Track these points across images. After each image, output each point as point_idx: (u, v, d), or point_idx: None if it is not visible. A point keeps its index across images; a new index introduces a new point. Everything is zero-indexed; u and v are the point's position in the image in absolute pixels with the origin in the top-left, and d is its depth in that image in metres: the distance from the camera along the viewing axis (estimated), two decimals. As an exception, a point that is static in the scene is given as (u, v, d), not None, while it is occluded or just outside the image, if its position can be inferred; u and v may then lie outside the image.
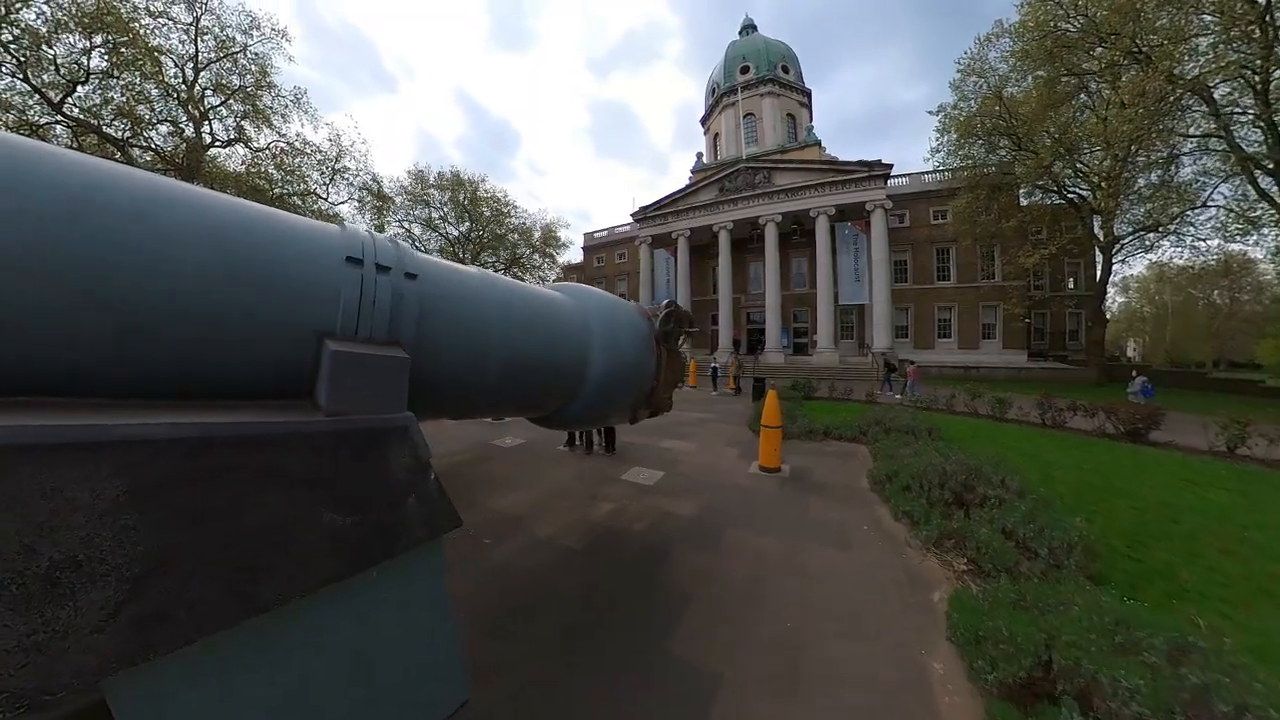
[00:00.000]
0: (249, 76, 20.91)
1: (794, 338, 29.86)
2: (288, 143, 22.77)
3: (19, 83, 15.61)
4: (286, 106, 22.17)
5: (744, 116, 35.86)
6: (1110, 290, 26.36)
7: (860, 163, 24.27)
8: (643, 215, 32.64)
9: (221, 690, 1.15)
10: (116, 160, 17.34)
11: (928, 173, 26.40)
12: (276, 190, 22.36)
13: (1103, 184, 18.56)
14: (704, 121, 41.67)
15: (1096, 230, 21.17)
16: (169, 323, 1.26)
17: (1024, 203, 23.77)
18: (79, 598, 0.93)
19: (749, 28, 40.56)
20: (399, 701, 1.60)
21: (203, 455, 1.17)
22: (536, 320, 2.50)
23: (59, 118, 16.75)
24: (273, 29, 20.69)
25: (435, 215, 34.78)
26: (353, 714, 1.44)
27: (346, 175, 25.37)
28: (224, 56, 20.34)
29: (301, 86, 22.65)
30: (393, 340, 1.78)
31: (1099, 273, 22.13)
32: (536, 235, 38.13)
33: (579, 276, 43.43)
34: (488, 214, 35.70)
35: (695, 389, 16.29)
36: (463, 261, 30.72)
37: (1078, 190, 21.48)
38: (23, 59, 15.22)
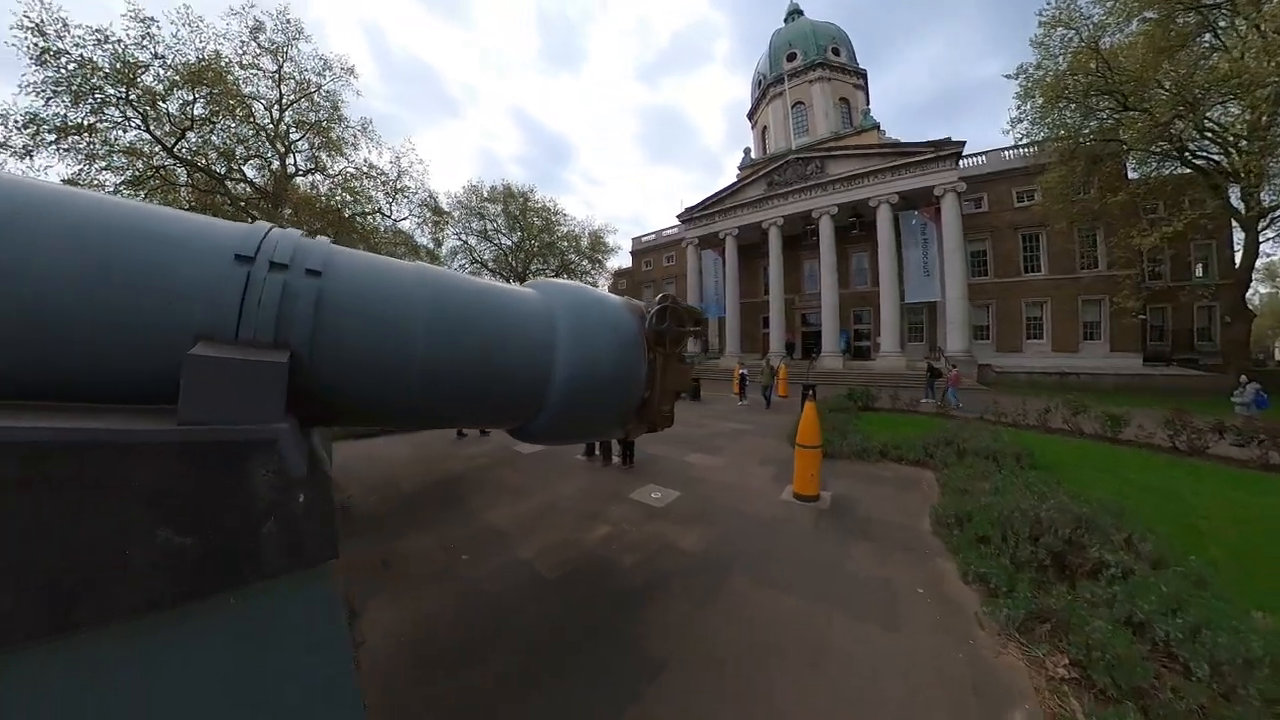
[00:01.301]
0: (323, 112, 22.86)
1: (854, 340, 27.63)
2: (355, 168, 24.70)
3: (144, 134, 18.15)
4: (355, 136, 24.09)
5: (792, 106, 34.08)
6: (1254, 278, 21.51)
7: (926, 143, 21.82)
8: (688, 216, 31.91)
9: (53, 705, 1.19)
10: (217, 193, 19.60)
11: (1008, 148, 23.29)
12: (348, 210, 24.32)
13: (1242, 142, 15.22)
14: (751, 116, 40.23)
15: (1236, 202, 17.45)
16: (35, 327, 1.30)
17: (1134, 174, 20.14)
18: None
19: (795, 13, 38.67)
20: None
21: (32, 461, 1.16)
22: (482, 319, 2.19)
23: (174, 160, 19.21)
24: (342, 68, 22.53)
25: (489, 227, 36.32)
26: None
27: (406, 194, 27.09)
28: (302, 97, 22.38)
29: (367, 117, 24.47)
30: (280, 343, 1.66)
31: (1239, 256, 18.19)
32: (585, 242, 38.70)
33: (628, 281, 43.51)
34: (538, 224, 36.73)
35: (785, 399, 14.86)
36: (515, 270, 31.49)
37: (1206, 154, 17.85)
38: (144, 114, 17.63)
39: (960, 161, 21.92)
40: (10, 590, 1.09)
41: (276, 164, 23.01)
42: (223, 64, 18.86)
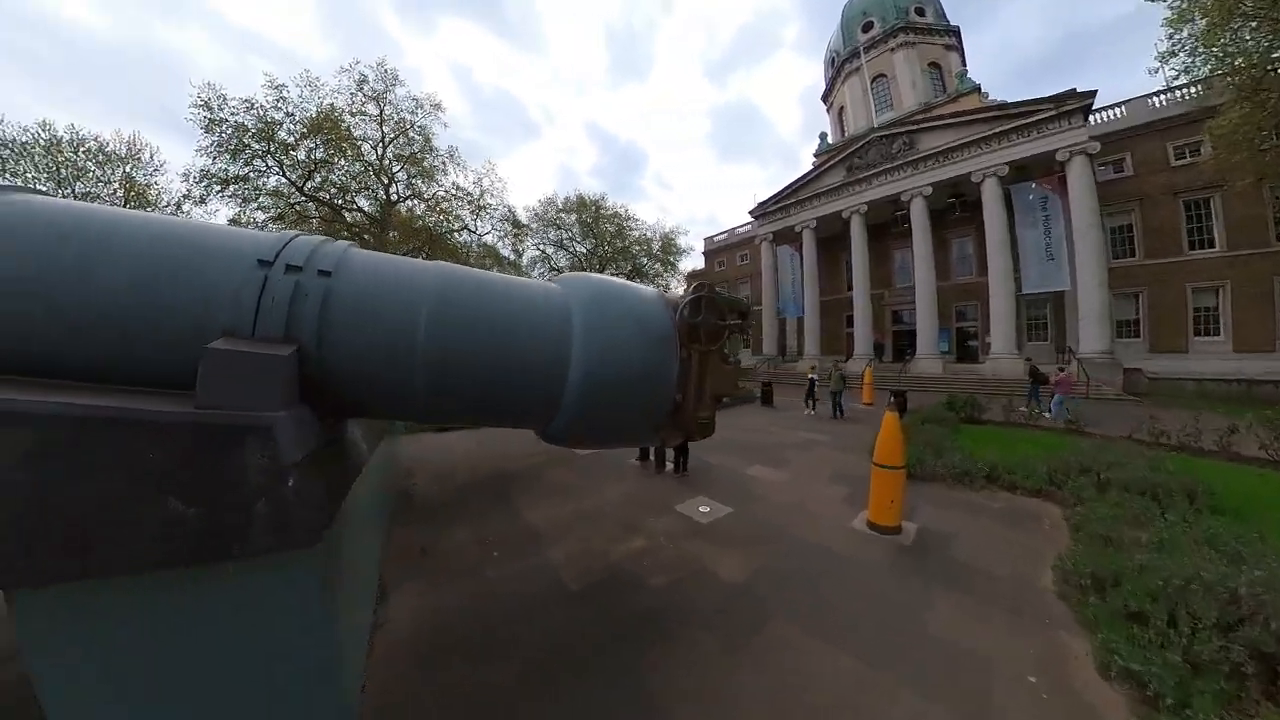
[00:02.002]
0: (417, 144, 25.53)
1: (957, 340, 24.32)
2: (445, 191, 27.27)
3: (282, 178, 21.71)
4: (443, 163, 26.65)
5: (872, 81, 31.17)
6: None
7: (1043, 100, 18.22)
8: (761, 211, 30.49)
9: (90, 633, 1.48)
10: (337, 222, 22.84)
11: (1158, 93, 18.58)
12: (440, 229, 26.94)
13: None
14: (825, 99, 37.52)
15: None
16: (96, 323, 1.60)
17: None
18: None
19: (870, -22, 35.37)
20: (278, 709, 1.75)
21: (74, 430, 1.43)
22: (491, 314, 2.18)
23: (304, 197, 22.71)
24: (430, 105, 25.00)
25: (564, 236, 37.93)
26: (231, 705, 1.68)
27: (488, 211, 29.33)
28: (399, 134, 25.16)
29: (454, 145, 26.99)
30: (290, 338, 1.84)
31: None
32: (656, 245, 38.84)
33: (700, 282, 42.92)
34: (611, 230, 37.62)
35: (870, 407, 13.48)
36: None
37: None
38: (281, 162, 21.09)
39: (1091, 117, 18.17)
40: (42, 537, 1.35)
41: (382, 194, 26.11)
42: (336, 114, 21.86)
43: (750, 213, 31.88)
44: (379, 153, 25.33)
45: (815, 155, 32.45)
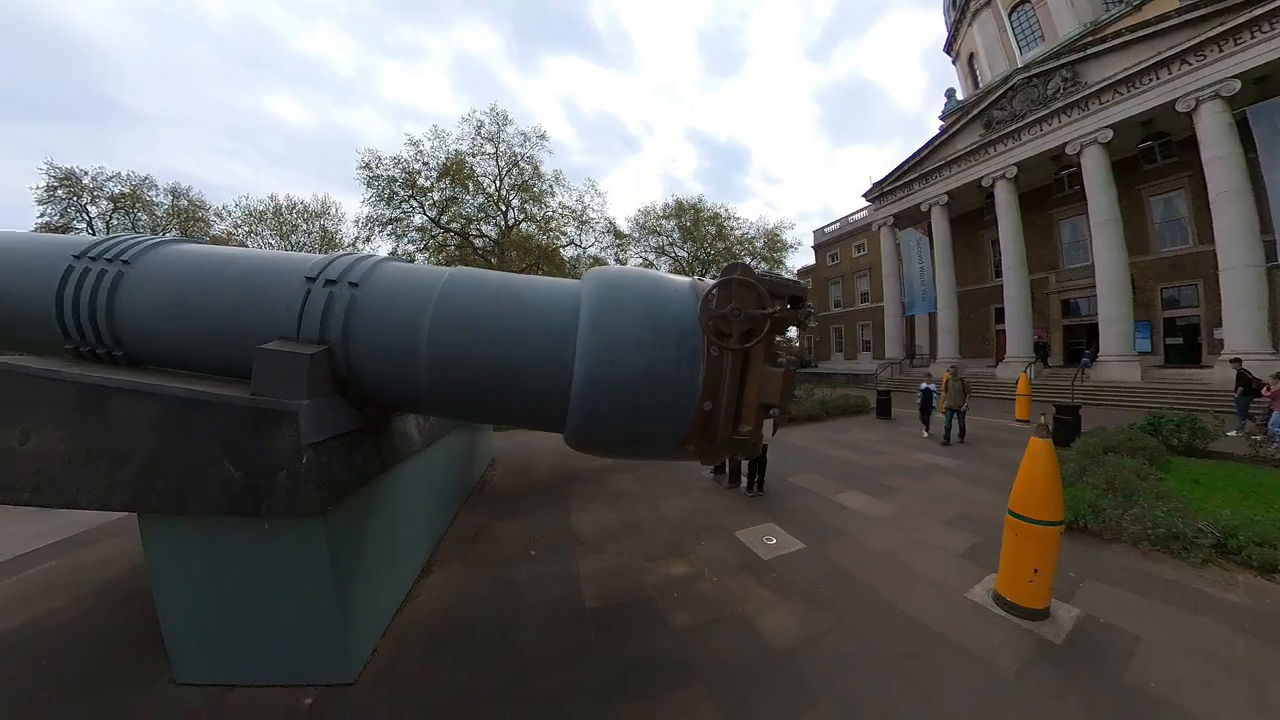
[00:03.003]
0: (527, 173, 28.16)
1: (1164, 335, 18.25)
2: (552, 211, 29.58)
3: (424, 216, 25.74)
4: (550, 186, 28.95)
5: (1010, 12, 25.47)
6: None
7: None
8: (878, 192, 26.81)
9: (182, 552, 2.21)
10: (467, 248, 26.66)
11: None
12: (551, 245, 29.35)
13: None
14: (949, 48, 31.81)
15: None
16: (209, 333, 2.32)
17: None
18: (119, 470, 2.00)
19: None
20: (295, 645, 2.30)
21: (168, 406, 2.08)
22: (496, 313, 2.25)
23: (441, 230, 26.63)
24: (536, 136, 27.35)
25: (665, 242, 38.22)
26: (261, 631, 2.27)
27: (591, 225, 31.04)
28: (512, 166, 27.93)
29: (559, 169, 29.15)
30: (322, 340, 2.24)
31: None
32: (760, 243, 37.03)
33: (812, 280, 39.78)
34: (712, 231, 36.90)
35: (1027, 425, 10.58)
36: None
37: None
38: (421, 203, 25.06)
39: None
40: (158, 479, 2.00)
41: (501, 220, 29.25)
42: (460, 157, 25.18)
43: (865, 196, 28.38)
44: (497, 185, 28.47)
45: (941, 118, 27.45)
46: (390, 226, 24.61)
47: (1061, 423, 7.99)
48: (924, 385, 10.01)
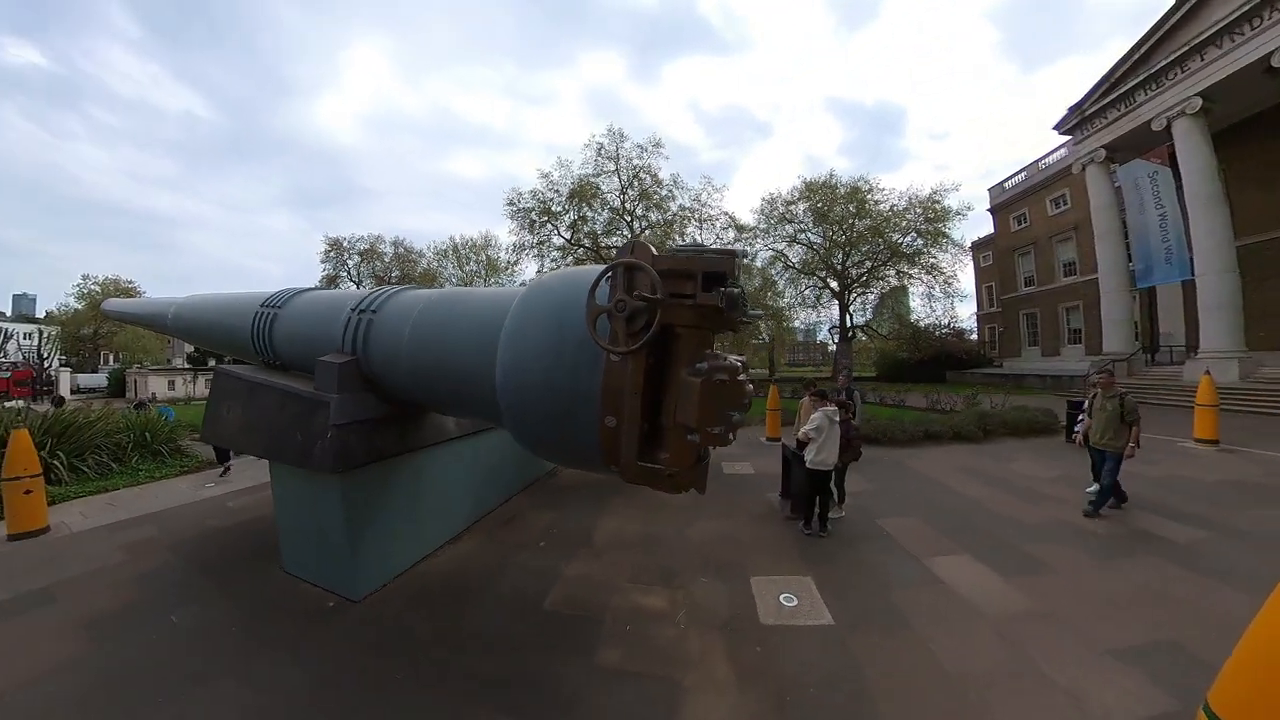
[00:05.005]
0: (646, 182, 29.21)
1: None
2: (672, 214, 30.03)
3: (561, 236, 28.78)
4: (669, 191, 29.49)
5: None
6: None
7: None
8: (1080, 117, 19.73)
9: (285, 486, 3.62)
10: (599, 262, 29.24)
11: None
12: (667, 245, 30.20)
13: None
14: None
15: None
16: (303, 350, 3.61)
17: None
18: (258, 433, 3.57)
19: None
20: (332, 559, 3.38)
21: (253, 389, 3.64)
22: (446, 326, 2.84)
23: (576, 246, 29.55)
24: (652, 145, 28.33)
25: (796, 229, 35.16)
26: (317, 541, 3.44)
27: (711, 221, 30.71)
28: (633, 178, 29.26)
29: (676, 172, 29.80)
30: (350, 353, 3.19)
31: None
32: (916, 214, 31.23)
33: (993, 253, 32.32)
34: (852, 209, 32.64)
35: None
36: (833, 269, 30.22)
37: None
38: (556, 226, 28.16)
39: None
40: (274, 438, 3.38)
41: (627, 230, 30.90)
42: (585, 180, 27.40)
43: (1060, 128, 21.32)
44: (621, 199, 30.16)
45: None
46: (535, 250, 28.51)
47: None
48: (1085, 400, 5.97)
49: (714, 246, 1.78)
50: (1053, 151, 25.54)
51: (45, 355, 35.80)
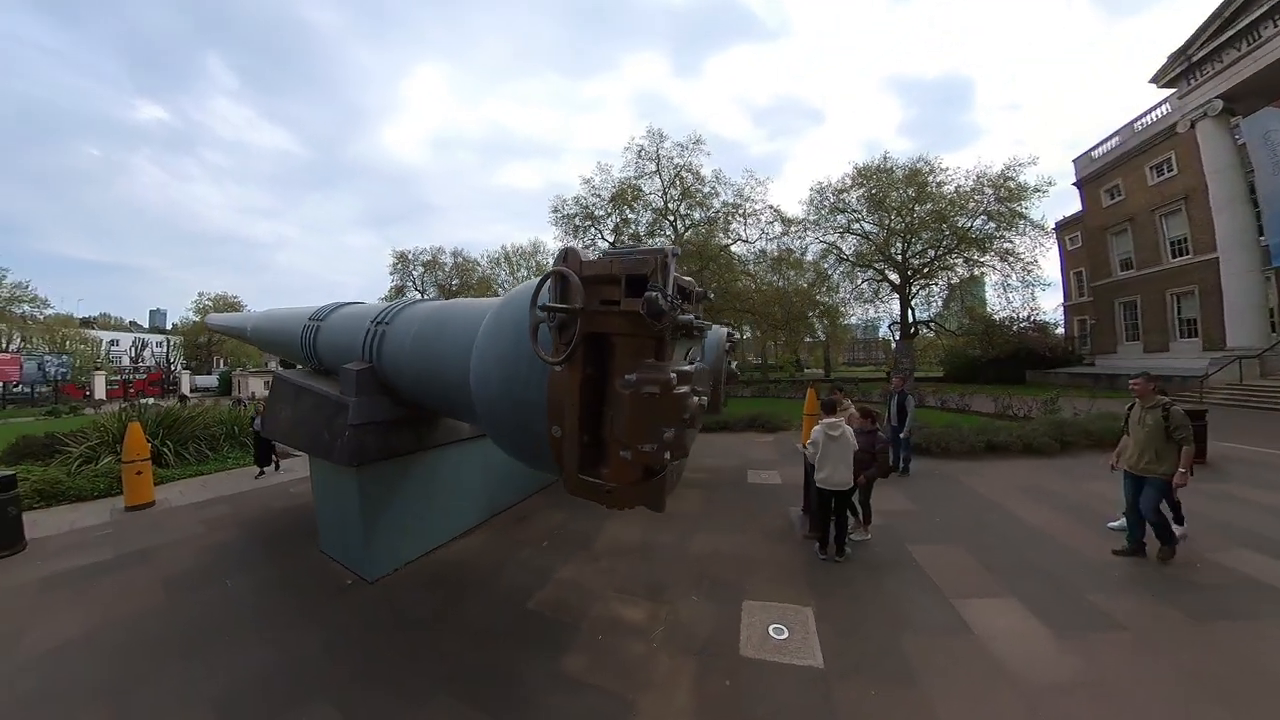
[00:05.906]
0: (688, 180, 28.75)
1: None
2: (715, 211, 29.51)
3: (605, 243, 29.03)
4: (712, 188, 28.92)
5: None
6: None
7: None
8: (1186, 62, 16.81)
9: (321, 476, 4.23)
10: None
11: None
12: (710, 250, 29.47)
13: None
14: None
15: None
16: (345, 357, 3.94)
17: None
18: (301, 430, 4.16)
19: None
20: (352, 543, 3.85)
21: (290, 386, 4.42)
22: (438, 340, 3.06)
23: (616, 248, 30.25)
24: (692, 143, 27.77)
25: (850, 219, 33.19)
26: (341, 526, 3.97)
27: (756, 216, 29.76)
28: (676, 176, 28.95)
29: (718, 169, 28.81)
30: (367, 361, 3.60)
31: None
32: (986, 194, 28.29)
33: (1082, 233, 28.85)
34: (911, 194, 30.22)
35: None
36: (891, 260, 28.62)
37: None
38: (599, 231, 28.54)
39: None
40: (311, 435, 3.91)
41: (670, 231, 30.71)
42: (625, 183, 27.67)
43: (1156, 82, 18.30)
44: (664, 199, 30.00)
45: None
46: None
47: None
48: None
49: (646, 246, 1.64)
50: (1150, 110, 21.97)
51: (172, 360, 42.36)
